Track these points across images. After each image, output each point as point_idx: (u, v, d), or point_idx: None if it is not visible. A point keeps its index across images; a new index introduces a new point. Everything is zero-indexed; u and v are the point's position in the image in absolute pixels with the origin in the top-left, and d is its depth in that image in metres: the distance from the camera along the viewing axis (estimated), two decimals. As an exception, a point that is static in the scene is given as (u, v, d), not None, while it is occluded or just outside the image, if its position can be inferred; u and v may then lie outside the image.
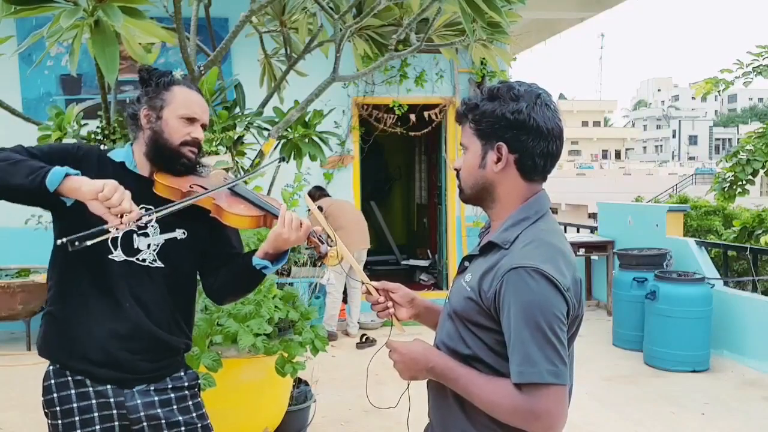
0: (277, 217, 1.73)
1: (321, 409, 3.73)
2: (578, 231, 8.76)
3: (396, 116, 6.81)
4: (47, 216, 1.80)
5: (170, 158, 1.76)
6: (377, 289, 1.60)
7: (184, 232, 1.80)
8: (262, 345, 3.01)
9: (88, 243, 1.47)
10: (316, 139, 3.55)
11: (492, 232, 1.46)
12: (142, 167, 1.79)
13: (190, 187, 1.73)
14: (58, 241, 1.47)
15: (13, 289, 5.45)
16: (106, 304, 1.72)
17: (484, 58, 3.59)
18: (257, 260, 1.78)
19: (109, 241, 1.71)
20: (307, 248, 1.68)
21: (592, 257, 7.28)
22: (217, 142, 3.18)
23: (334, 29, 3.17)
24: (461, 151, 1.48)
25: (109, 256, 1.72)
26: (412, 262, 8.83)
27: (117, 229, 1.49)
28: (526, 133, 1.37)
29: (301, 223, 1.71)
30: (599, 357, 5.43)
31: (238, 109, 3.38)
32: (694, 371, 4.98)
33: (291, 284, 4.00)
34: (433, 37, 3.47)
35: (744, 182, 8.76)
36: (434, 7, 3.04)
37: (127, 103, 1.86)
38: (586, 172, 47.95)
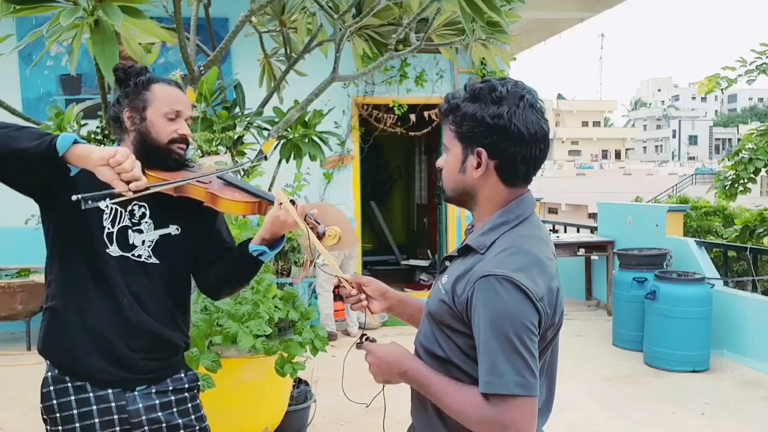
0: (272, 203, 1.72)
1: (321, 409, 3.72)
2: (578, 231, 8.75)
3: (396, 116, 6.81)
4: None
5: (160, 157, 1.75)
6: (350, 283, 1.59)
7: (177, 228, 1.80)
8: (261, 346, 3.01)
9: (101, 204, 1.47)
10: (316, 139, 3.55)
11: (474, 233, 1.44)
12: None
13: (181, 180, 1.72)
14: (73, 197, 1.45)
15: (13, 289, 5.45)
16: (106, 301, 1.71)
17: (483, 58, 3.59)
18: (254, 247, 1.76)
19: (105, 235, 1.70)
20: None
21: (592, 257, 7.27)
22: (217, 142, 3.18)
23: (333, 29, 3.18)
24: (444, 149, 1.45)
25: (107, 251, 1.71)
26: (412, 262, 8.83)
27: (125, 194, 1.50)
28: (506, 139, 1.32)
29: (296, 206, 1.69)
30: (599, 357, 5.42)
31: (237, 109, 3.38)
32: (694, 371, 4.98)
33: (291, 284, 4.00)
34: (433, 36, 3.47)
35: (746, 180, 8.77)
36: (433, 7, 3.04)
37: (109, 105, 1.85)
38: (586, 172, 47.88)
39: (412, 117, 6.82)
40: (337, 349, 5.46)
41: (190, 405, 1.85)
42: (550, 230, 9.22)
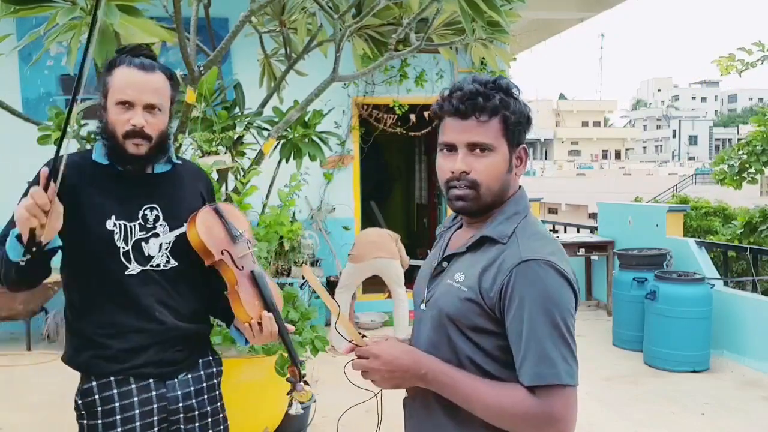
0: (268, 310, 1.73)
1: (321, 409, 3.72)
2: (578, 231, 8.74)
3: (396, 116, 6.81)
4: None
5: (120, 155, 1.63)
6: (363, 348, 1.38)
7: None
8: (260, 347, 3.01)
9: (34, 249, 1.40)
10: (315, 139, 3.55)
11: (474, 228, 1.36)
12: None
13: (221, 253, 1.69)
14: (21, 261, 1.41)
15: (13, 289, 5.44)
16: (139, 318, 1.68)
17: (483, 58, 3.59)
18: (235, 331, 1.82)
19: (122, 255, 1.66)
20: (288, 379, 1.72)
21: (592, 257, 7.27)
22: (217, 142, 3.18)
23: (333, 29, 3.17)
24: (466, 150, 1.28)
25: (126, 273, 1.66)
26: (412, 262, 8.79)
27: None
28: (527, 132, 1.33)
29: (270, 333, 1.72)
30: (599, 357, 5.42)
31: (237, 109, 3.38)
32: (694, 371, 4.98)
33: (291, 284, 4.00)
34: (433, 36, 3.46)
35: (754, 171, 8.78)
36: (433, 7, 3.03)
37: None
38: (586, 172, 47.91)
39: (412, 117, 6.82)
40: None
41: (217, 392, 1.87)
42: (550, 230, 9.22)
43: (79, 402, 1.70)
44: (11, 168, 5.96)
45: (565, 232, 9.04)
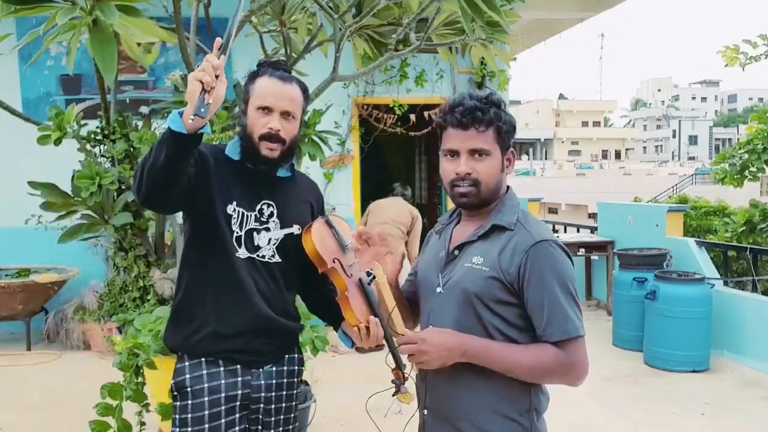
0: (374, 316, 1.76)
1: (321, 409, 3.72)
2: (578, 231, 8.74)
3: (396, 116, 6.81)
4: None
5: (252, 155, 1.78)
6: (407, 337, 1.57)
7: (299, 228, 1.88)
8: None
9: (203, 109, 1.48)
10: (315, 138, 3.55)
11: (475, 222, 1.61)
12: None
13: (333, 261, 1.80)
14: (190, 120, 1.48)
15: (13, 289, 5.45)
16: (240, 300, 1.79)
17: (483, 58, 3.59)
18: (342, 335, 1.88)
19: (234, 239, 1.79)
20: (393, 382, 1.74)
21: (592, 257, 7.27)
22: (217, 142, 3.18)
23: (333, 29, 3.18)
24: (468, 155, 1.54)
25: (236, 254, 1.79)
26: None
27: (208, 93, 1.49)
28: (514, 137, 1.60)
29: (376, 337, 1.75)
30: (599, 357, 5.42)
31: (237, 109, 3.38)
32: (694, 371, 4.98)
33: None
34: (433, 36, 3.46)
35: (756, 169, 8.77)
36: (433, 7, 3.04)
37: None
38: (586, 172, 47.89)
39: (412, 117, 6.82)
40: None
41: (294, 391, 1.95)
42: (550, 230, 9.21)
43: (172, 382, 1.81)
44: (11, 168, 5.98)
45: (565, 232, 9.03)
